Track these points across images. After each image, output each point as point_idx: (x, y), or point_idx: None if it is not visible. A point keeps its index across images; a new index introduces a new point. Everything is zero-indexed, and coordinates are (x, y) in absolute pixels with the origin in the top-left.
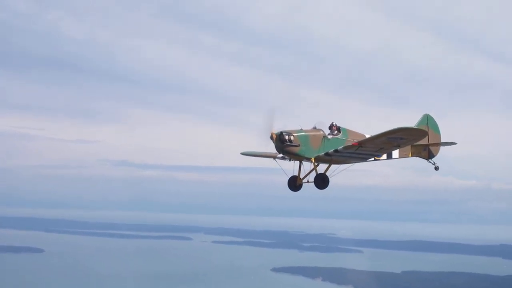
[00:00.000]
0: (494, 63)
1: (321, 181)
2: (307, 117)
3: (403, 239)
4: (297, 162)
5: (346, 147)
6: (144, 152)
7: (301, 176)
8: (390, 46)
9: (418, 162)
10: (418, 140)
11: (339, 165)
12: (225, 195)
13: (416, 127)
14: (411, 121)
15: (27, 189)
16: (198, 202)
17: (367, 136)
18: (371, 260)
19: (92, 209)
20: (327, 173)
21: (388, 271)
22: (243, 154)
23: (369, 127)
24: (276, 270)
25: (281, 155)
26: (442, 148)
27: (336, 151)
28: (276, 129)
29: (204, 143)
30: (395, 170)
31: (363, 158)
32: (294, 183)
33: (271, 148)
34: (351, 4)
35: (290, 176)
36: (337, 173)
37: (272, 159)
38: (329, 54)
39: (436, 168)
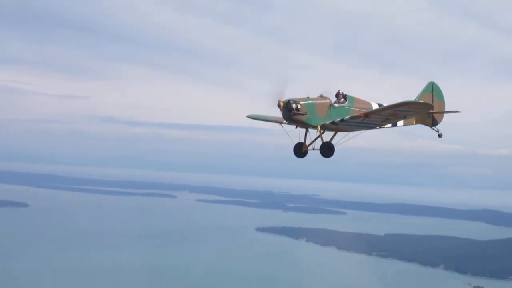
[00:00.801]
0: (485, 29)
1: (327, 149)
2: (297, 79)
3: (387, 201)
4: (303, 129)
5: (352, 117)
6: (132, 109)
7: (307, 143)
8: (382, 10)
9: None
10: (423, 113)
11: (345, 132)
12: (211, 154)
13: (422, 101)
14: (399, 86)
15: (14, 144)
16: (183, 160)
17: (373, 104)
18: (354, 222)
19: (78, 165)
20: (332, 141)
21: (371, 233)
22: (249, 117)
23: (358, 90)
24: (260, 230)
25: (287, 121)
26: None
27: (342, 120)
28: (284, 97)
29: (192, 102)
30: (380, 132)
31: (369, 127)
32: (300, 150)
33: (277, 112)
34: None
35: (296, 142)
36: (344, 141)
37: (278, 124)
38: (320, 16)
39: (440, 135)
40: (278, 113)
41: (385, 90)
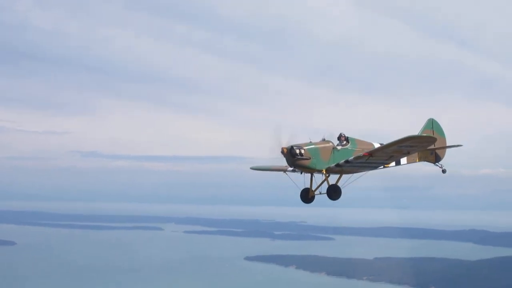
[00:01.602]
0: (464, 50)
1: (334, 192)
2: (276, 104)
3: (374, 225)
4: (308, 174)
5: (356, 158)
6: (114, 142)
7: (313, 188)
8: (360, 34)
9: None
10: (427, 147)
11: (350, 174)
12: (194, 185)
13: (426, 135)
14: (379, 108)
15: None
16: (167, 192)
17: (375, 144)
18: (343, 247)
19: (63, 200)
20: (338, 184)
21: (360, 258)
22: (252, 169)
23: (340, 113)
24: (249, 258)
25: (291, 168)
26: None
27: (347, 161)
28: (286, 144)
29: (174, 133)
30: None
31: (373, 167)
32: (307, 196)
33: (280, 161)
34: None
35: (302, 188)
36: (349, 183)
37: (282, 172)
38: (299, 42)
39: (444, 171)
40: (280, 162)
41: (366, 112)
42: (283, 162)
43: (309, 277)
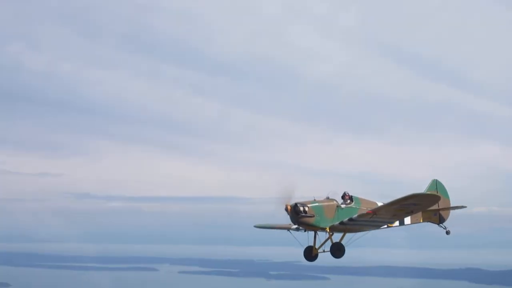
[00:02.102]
0: (455, 87)
1: (337, 250)
2: (269, 143)
3: (368, 265)
4: (312, 232)
5: (360, 216)
6: (106, 184)
7: (317, 246)
8: (351, 74)
9: None
10: (431, 206)
11: (353, 233)
12: (188, 225)
13: (429, 193)
14: (372, 148)
15: None
16: (161, 232)
17: (379, 203)
18: (338, 287)
19: (57, 242)
20: (342, 242)
21: None
22: (256, 227)
23: (332, 155)
24: None
25: (295, 226)
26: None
27: (351, 219)
28: (291, 201)
29: (166, 174)
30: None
31: (377, 226)
32: (310, 253)
33: (284, 219)
34: (310, 32)
35: (305, 246)
36: (353, 241)
37: (286, 230)
38: (289, 82)
39: (448, 233)
40: (284, 220)
41: (360, 152)
42: (286, 220)
43: None
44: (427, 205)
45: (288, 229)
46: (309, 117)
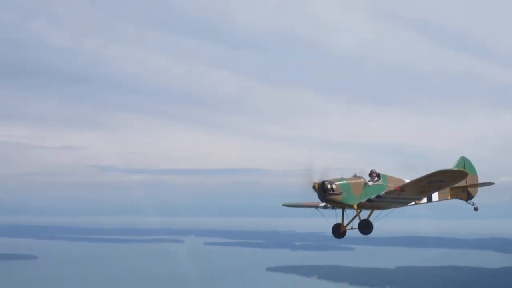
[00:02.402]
0: (479, 59)
1: (366, 227)
2: (291, 116)
3: (394, 235)
4: (340, 210)
5: (388, 193)
6: (130, 157)
7: (345, 223)
8: (374, 47)
9: None
10: (458, 182)
11: (381, 210)
12: (212, 197)
13: (456, 169)
14: (394, 119)
15: (14, 197)
16: (186, 204)
17: (406, 180)
18: (364, 257)
19: (82, 215)
20: (369, 219)
21: (382, 267)
22: (284, 205)
23: (351, 127)
24: (271, 269)
25: (323, 203)
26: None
27: (378, 197)
28: (318, 179)
29: (190, 147)
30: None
31: (404, 203)
32: (338, 231)
33: (312, 198)
34: (333, 6)
35: (333, 224)
36: (381, 218)
37: (314, 208)
38: (312, 56)
39: (476, 209)
40: (310, 196)
41: (381, 125)
42: (312, 196)
43: (332, 287)
44: (455, 181)
45: (316, 207)
46: (332, 90)
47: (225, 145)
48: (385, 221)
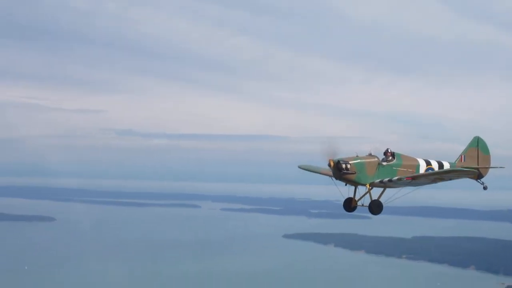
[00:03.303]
0: (501, 31)
1: (376, 208)
2: (310, 84)
3: (410, 205)
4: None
5: (399, 179)
6: (149, 121)
7: (356, 198)
8: (395, 16)
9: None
10: (470, 177)
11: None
12: (229, 163)
13: (469, 169)
14: (413, 88)
15: (33, 159)
16: (203, 170)
17: (420, 160)
18: (380, 226)
19: (99, 178)
20: (381, 198)
21: (398, 237)
22: (300, 167)
23: (369, 96)
24: (288, 236)
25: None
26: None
27: (390, 181)
28: (334, 157)
29: (209, 112)
30: (393, 135)
31: (416, 186)
32: (349, 205)
33: (324, 160)
34: None
35: (345, 198)
36: (392, 200)
37: (329, 177)
38: (333, 24)
39: (485, 188)
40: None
41: (400, 94)
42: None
43: (349, 255)
44: (466, 177)
45: (331, 176)
46: (352, 58)
47: (244, 111)
48: (400, 191)
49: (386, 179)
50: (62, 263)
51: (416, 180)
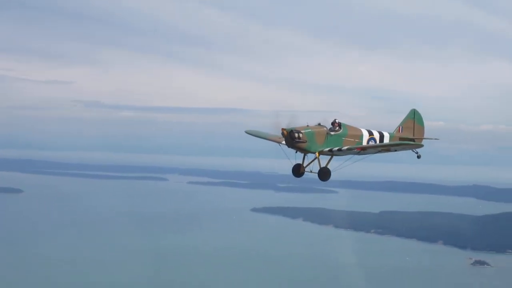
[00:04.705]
0: (469, 7)
1: (324, 175)
2: (281, 57)
3: (376, 179)
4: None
5: (349, 149)
6: (117, 93)
7: (304, 165)
8: None
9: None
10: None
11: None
12: (197, 136)
13: (416, 143)
14: (381, 65)
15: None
16: (170, 143)
17: (363, 130)
18: (347, 200)
19: (67, 150)
20: (328, 165)
21: (366, 211)
22: (247, 132)
23: (340, 70)
24: (256, 210)
25: (284, 142)
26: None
27: (339, 150)
28: (287, 126)
29: (176, 85)
30: (362, 110)
31: (361, 155)
32: (298, 171)
33: (274, 131)
34: None
35: (294, 163)
36: (340, 168)
37: (277, 144)
38: None
39: (419, 157)
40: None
41: (368, 68)
42: (278, 133)
43: (318, 229)
44: (411, 149)
45: (279, 142)
46: (321, 33)
47: (213, 84)
48: (366, 166)
49: (336, 148)
50: (30, 235)
51: (364, 150)
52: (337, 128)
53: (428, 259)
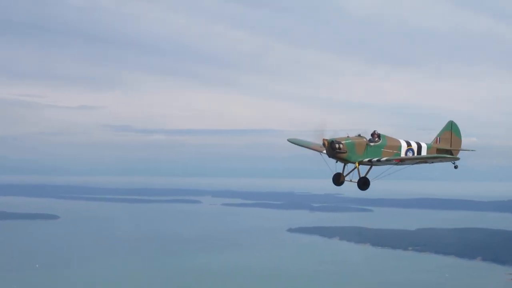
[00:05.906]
0: (497, 21)
1: (363, 184)
2: (308, 76)
3: (409, 197)
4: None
5: (388, 160)
6: (147, 117)
7: (344, 174)
8: (392, 9)
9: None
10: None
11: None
12: (227, 158)
13: (451, 156)
14: (409, 81)
15: (33, 157)
16: (201, 165)
17: (402, 141)
18: (382, 218)
19: (100, 175)
20: (367, 175)
21: (402, 229)
22: (289, 141)
23: (367, 88)
24: (292, 230)
25: (325, 151)
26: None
27: (378, 161)
28: (328, 137)
29: (207, 108)
30: (393, 129)
31: (399, 165)
32: (338, 179)
33: (316, 139)
34: None
35: (334, 172)
36: (379, 178)
37: (318, 153)
38: (330, 15)
39: (456, 167)
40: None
41: (395, 85)
42: (319, 140)
43: (355, 248)
44: (447, 161)
45: (320, 151)
46: (348, 51)
47: (241, 105)
48: (399, 183)
49: (375, 159)
50: (69, 260)
51: (402, 162)
52: (377, 139)
53: (467, 276)
